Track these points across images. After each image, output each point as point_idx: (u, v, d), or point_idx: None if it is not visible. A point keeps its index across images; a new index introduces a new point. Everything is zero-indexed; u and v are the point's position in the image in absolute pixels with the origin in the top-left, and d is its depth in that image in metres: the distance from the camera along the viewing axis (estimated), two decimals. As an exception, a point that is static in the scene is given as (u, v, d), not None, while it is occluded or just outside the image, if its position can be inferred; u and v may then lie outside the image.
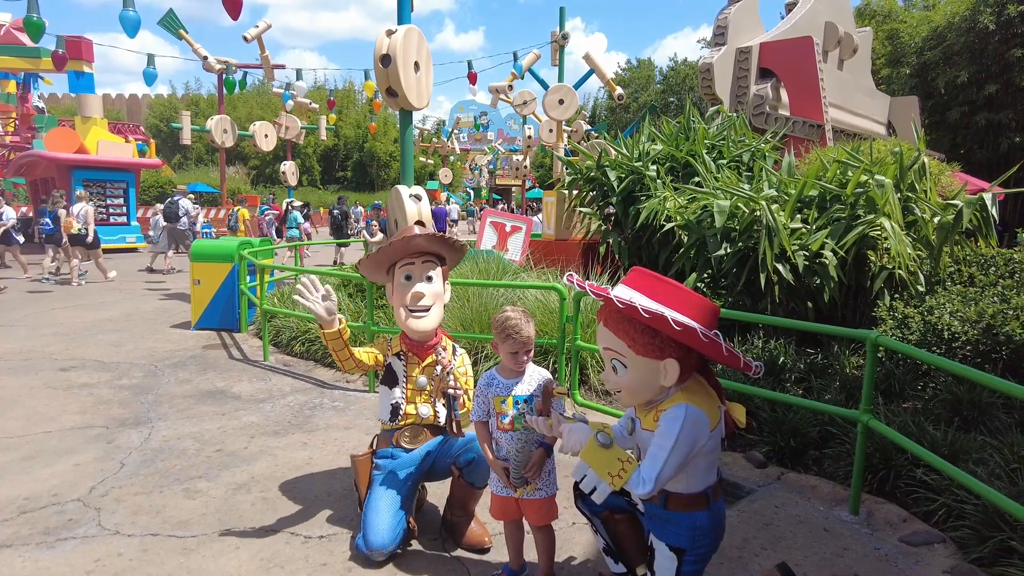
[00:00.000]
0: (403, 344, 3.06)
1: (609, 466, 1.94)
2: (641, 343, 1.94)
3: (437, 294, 3.01)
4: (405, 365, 3.04)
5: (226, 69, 17.08)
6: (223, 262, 7.62)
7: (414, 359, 3.03)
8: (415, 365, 3.03)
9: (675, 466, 1.92)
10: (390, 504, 2.85)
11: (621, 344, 1.98)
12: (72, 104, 18.34)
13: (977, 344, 4.42)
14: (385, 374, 3.06)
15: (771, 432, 4.00)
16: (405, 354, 3.05)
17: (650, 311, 1.84)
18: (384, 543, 2.74)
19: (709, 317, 1.93)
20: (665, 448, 1.91)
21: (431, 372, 3.00)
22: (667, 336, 1.92)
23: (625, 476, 1.94)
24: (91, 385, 5.41)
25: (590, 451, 1.98)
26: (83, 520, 3.15)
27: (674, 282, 1.99)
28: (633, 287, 2.01)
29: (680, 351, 1.94)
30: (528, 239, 8.27)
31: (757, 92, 11.31)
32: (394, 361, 3.06)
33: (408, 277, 2.98)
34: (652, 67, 43.26)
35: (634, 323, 1.95)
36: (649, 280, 2.00)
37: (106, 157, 17.30)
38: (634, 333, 1.95)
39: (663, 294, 1.94)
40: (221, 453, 4.04)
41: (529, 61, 16.83)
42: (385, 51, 7.07)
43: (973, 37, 15.67)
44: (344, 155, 39.84)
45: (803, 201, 5.66)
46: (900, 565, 2.86)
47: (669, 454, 1.90)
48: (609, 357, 2.05)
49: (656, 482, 1.90)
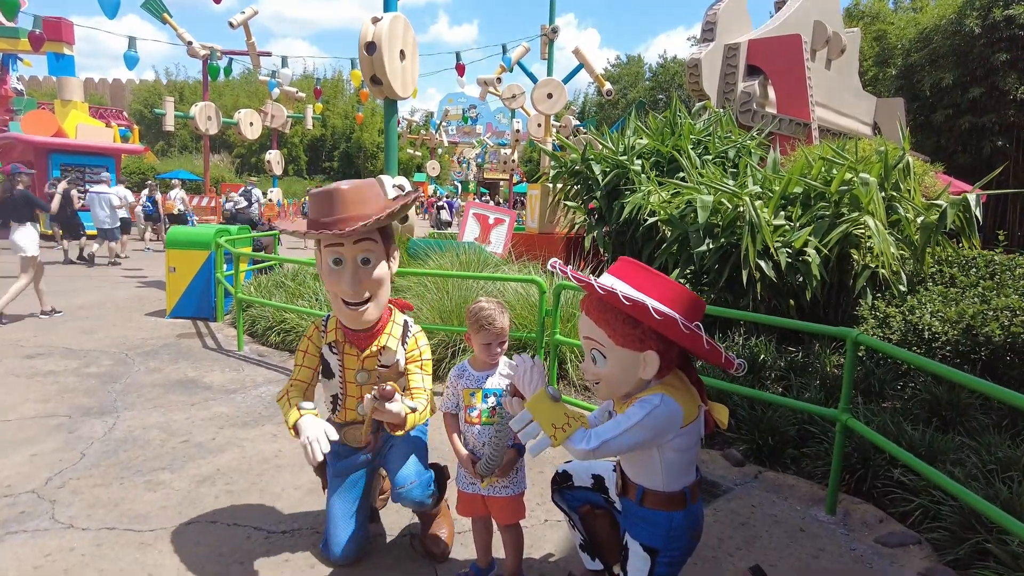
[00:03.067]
0: (339, 330, 2.58)
1: (554, 418, 1.89)
2: (621, 333, 1.89)
3: (378, 280, 2.45)
4: (340, 357, 2.59)
5: (211, 55, 16.81)
6: (199, 249, 7.46)
7: (351, 350, 2.57)
8: (353, 356, 2.58)
9: (627, 444, 1.87)
10: (345, 511, 2.62)
11: (601, 334, 1.92)
12: (54, 87, 17.90)
13: (957, 344, 4.41)
14: (322, 366, 2.66)
15: (749, 430, 3.96)
16: (339, 344, 2.59)
17: (631, 298, 1.78)
18: (343, 554, 2.57)
19: (693, 310, 1.87)
20: (624, 424, 1.87)
21: (373, 363, 2.55)
22: (648, 327, 1.86)
23: (569, 431, 1.88)
24: (57, 373, 5.26)
25: (537, 401, 1.93)
26: (36, 513, 3.03)
27: (660, 273, 1.93)
28: (618, 276, 1.94)
29: (661, 344, 1.88)
30: (511, 232, 8.19)
31: (744, 89, 11.28)
32: (326, 352, 2.61)
33: (337, 261, 2.41)
34: (642, 64, 43.23)
35: (615, 312, 1.89)
36: (634, 269, 1.93)
37: (85, 141, 16.95)
38: (615, 322, 1.89)
39: (648, 284, 1.88)
40: (187, 444, 3.92)
41: (518, 54, 16.68)
42: (370, 39, 6.94)
43: (959, 40, 15.75)
44: (331, 145, 39.47)
45: (787, 198, 5.61)
46: (875, 566, 2.82)
47: (626, 429, 1.85)
48: (589, 347, 1.99)
49: (600, 445, 1.85)
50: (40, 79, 37.40)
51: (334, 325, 2.62)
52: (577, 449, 1.87)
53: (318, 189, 2.44)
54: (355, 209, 2.37)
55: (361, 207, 2.39)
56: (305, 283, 7.32)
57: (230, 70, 18.39)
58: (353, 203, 2.37)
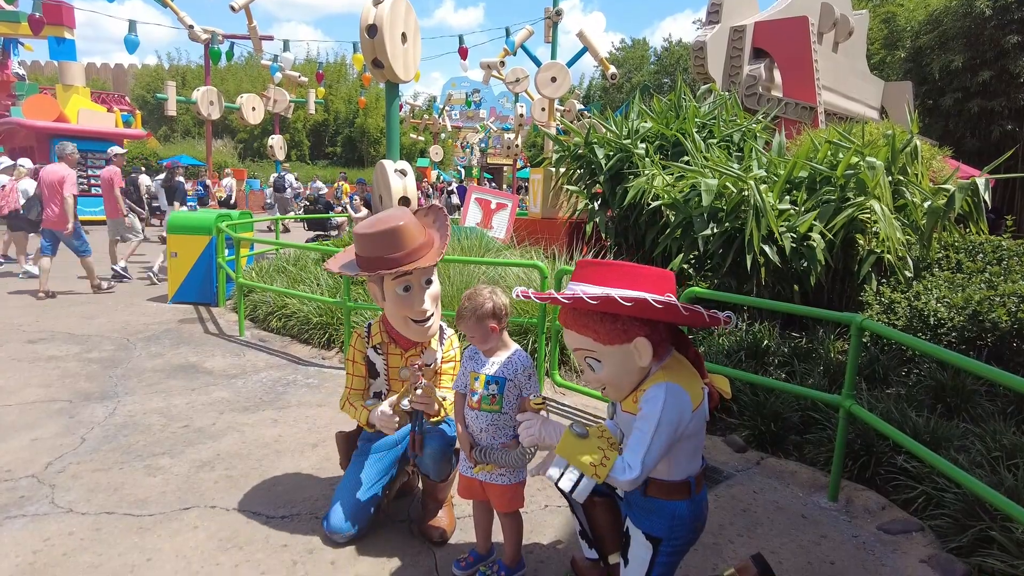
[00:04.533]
0: (384, 332, 2.78)
1: (590, 456, 1.82)
2: (605, 332, 1.87)
3: (437, 297, 2.72)
4: (385, 357, 2.78)
5: (212, 39, 16.66)
6: (201, 234, 7.44)
7: (395, 349, 2.78)
8: (397, 355, 2.78)
9: (661, 447, 1.83)
10: (359, 487, 2.73)
11: (588, 340, 1.91)
12: (55, 72, 17.81)
13: (963, 331, 4.36)
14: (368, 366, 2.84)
15: (752, 416, 3.93)
16: (385, 345, 2.78)
17: (594, 296, 1.78)
18: (343, 527, 2.64)
19: (662, 283, 1.87)
20: (647, 431, 1.82)
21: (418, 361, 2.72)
22: (628, 317, 1.85)
23: (608, 464, 1.81)
24: (58, 358, 5.26)
25: (566, 444, 1.86)
26: (35, 497, 3.03)
27: (618, 262, 1.93)
28: (580, 280, 1.94)
29: (645, 328, 1.87)
30: (513, 217, 8.13)
31: (750, 72, 11.13)
32: (371, 354, 2.79)
33: (407, 288, 2.60)
34: (647, 47, 42.81)
35: (592, 315, 1.88)
36: (592, 268, 1.93)
37: (87, 126, 16.90)
38: (595, 325, 1.88)
39: (609, 276, 1.88)
40: (188, 429, 3.92)
41: (522, 37, 16.49)
42: (371, 21, 6.85)
43: (969, 22, 15.49)
44: (334, 130, 39.26)
45: (792, 182, 5.54)
46: (877, 553, 2.80)
47: (653, 436, 1.81)
48: (582, 357, 1.97)
49: (642, 467, 1.80)
50: (41, 64, 37.25)
51: (378, 330, 2.80)
52: (622, 480, 1.81)
53: (370, 230, 2.55)
54: (419, 239, 2.60)
55: (420, 236, 2.62)
56: (307, 268, 7.29)
57: (232, 54, 18.25)
58: (414, 236, 2.58)
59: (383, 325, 2.79)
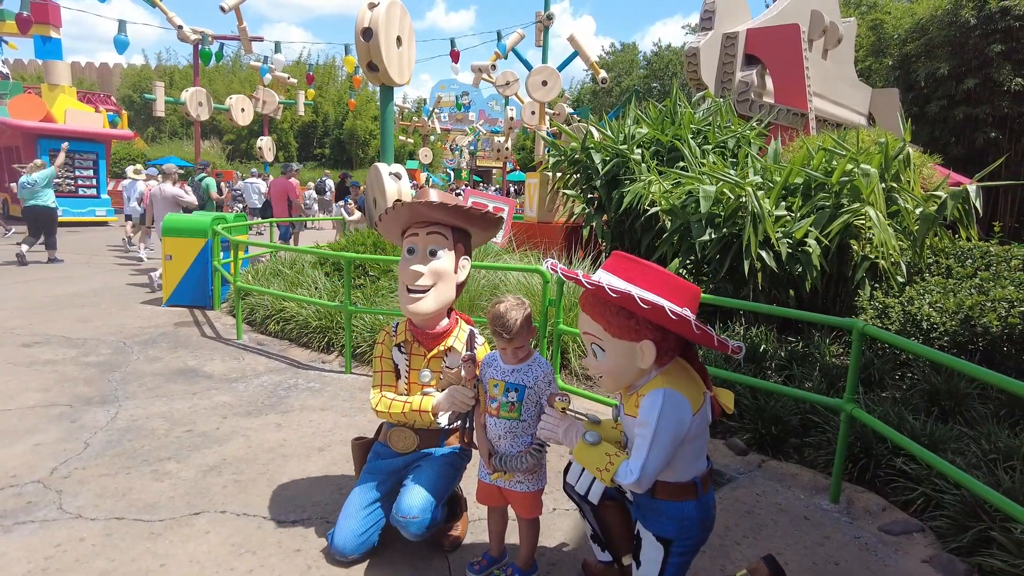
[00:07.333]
0: (408, 331, 2.71)
1: (597, 462, 1.97)
2: (616, 325, 1.93)
3: (438, 272, 2.57)
4: (408, 357, 2.70)
5: (202, 40, 16.56)
6: (196, 237, 7.40)
7: (419, 349, 2.69)
8: (420, 356, 2.69)
9: (662, 452, 1.89)
10: (364, 507, 2.65)
11: (598, 327, 1.97)
12: (40, 71, 17.59)
13: (955, 335, 4.45)
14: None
15: (752, 419, 3.99)
16: (408, 344, 2.70)
17: (617, 290, 1.83)
18: (347, 549, 2.57)
19: (685, 298, 1.92)
20: (647, 436, 1.89)
21: (438, 364, 2.62)
22: (643, 318, 1.90)
23: (612, 469, 1.94)
24: (55, 362, 5.22)
25: (580, 451, 2.02)
26: (43, 503, 3.01)
27: (653, 264, 1.98)
28: (610, 270, 2.01)
29: (656, 333, 1.93)
30: (510, 221, 8.16)
31: (742, 79, 11.25)
32: (395, 353, 2.72)
33: (411, 251, 2.60)
34: (636, 51, 43.06)
35: (610, 306, 1.94)
36: (625, 263, 1.99)
37: (74, 127, 16.72)
38: (609, 316, 1.94)
39: (637, 275, 1.94)
40: (191, 434, 3.91)
41: (513, 41, 16.55)
42: (367, 24, 6.87)
43: (954, 31, 15.73)
44: (323, 132, 39.11)
45: (788, 188, 5.63)
46: (880, 554, 2.86)
47: (652, 442, 1.88)
48: (589, 342, 2.04)
49: (642, 471, 1.88)
50: (25, 62, 36.75)
51: (404, 327, 2.74)
52: (626, 484, 1.93)
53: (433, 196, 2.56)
54: (442, 199, 2.55)
55: (448, 199, 2.57)
56: (304, 271, 7.28)
57: (221, 55, 18.16)
58: (442, 196, 2.56)
59: (409, 323, 2.73)
